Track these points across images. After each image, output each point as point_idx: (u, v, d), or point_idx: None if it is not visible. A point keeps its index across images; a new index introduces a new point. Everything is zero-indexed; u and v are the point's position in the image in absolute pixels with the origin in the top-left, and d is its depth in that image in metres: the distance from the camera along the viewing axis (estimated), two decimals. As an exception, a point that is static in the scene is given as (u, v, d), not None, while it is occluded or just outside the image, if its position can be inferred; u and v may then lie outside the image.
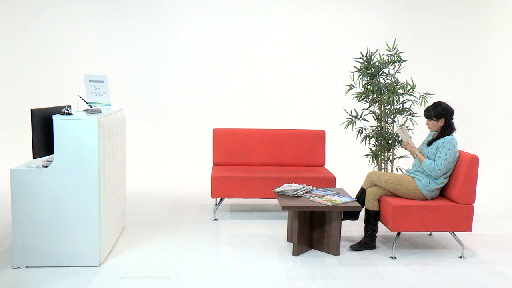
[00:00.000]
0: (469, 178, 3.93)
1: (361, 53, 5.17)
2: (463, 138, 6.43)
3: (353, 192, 5.65)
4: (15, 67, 6.76)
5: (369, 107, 5.14)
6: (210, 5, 6.85)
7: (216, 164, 5.39)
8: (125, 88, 6.84)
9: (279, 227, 4.74)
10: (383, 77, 5.06)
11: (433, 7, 6.90)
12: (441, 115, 4.03)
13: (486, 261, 4.00)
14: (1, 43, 6.71)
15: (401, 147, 4.84)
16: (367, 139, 5.16)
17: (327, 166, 6.13)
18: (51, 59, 6.78)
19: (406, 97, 5.03)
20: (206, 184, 6.18)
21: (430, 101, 5.41)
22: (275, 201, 5.72)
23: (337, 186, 5.94)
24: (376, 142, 5.11)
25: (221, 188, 4.87)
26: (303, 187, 4.31)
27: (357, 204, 4.00)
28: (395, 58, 5.02)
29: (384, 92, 4.93)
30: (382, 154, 5.10)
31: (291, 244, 4.23)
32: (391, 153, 5.10)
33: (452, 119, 4.07)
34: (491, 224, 5.05)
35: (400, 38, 6.30)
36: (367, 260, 3.93)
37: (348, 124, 5.18)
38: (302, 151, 5.43)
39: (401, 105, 5.01)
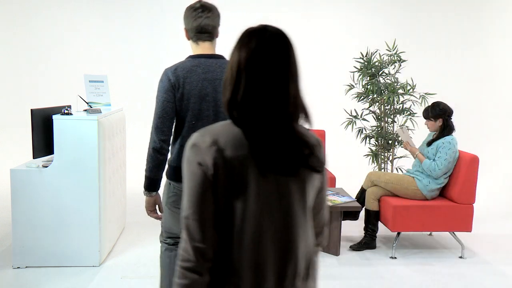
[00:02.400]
0: (469, 178, 3.93)
1: (361, 53, 5.17)
2: (463, 138, 6.43)
3: (353, 192, 5.65)
4: (15, 67, 6.76)
5: (369, 107, 5.14)
6: (210, 5, 6.85)
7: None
8: (125, 88, 6.84)
9: (279, 227, 4.74)
10: (383, 77, 5.06)
11: (433, 7, 6.90)
12: (439, 115, 4.03)
13: (486, 261, 4.00)
14: (1, 43, 6.71)
15: (401, 147, 4.84)
16: (367, 139, 5.16)
17: (327, 166, 6.13)
18: (51, 59, 6.78)
19: (406, 97, 5.03)
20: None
21: (430, 101, 5.41)
22: (275, 201, 5.72)
23: (337, 186, 5.94)
24: (376, 142, 5.11)
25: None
26: (303, 187, 4.31)
27: (357, 204, 3.99)
28: (395, 58, 5.02)
29: (384, 92, 4.93)
30: (382, 154, 5.10)
31: (291, 244, 4.23)
32: (391, 153, 5.10)
33: (451, 119, 4.07)
34: (491, 224, 5.05)
35: (400, 38, 6.30)
36: (367, 260, 3.93)
37: (348, 124, 5.18)
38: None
39: (401, 105, 5.01)
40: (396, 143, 5.00)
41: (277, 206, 1.20)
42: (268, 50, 1.19)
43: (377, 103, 5.04)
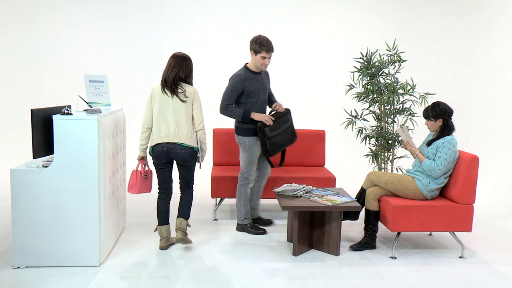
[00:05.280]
0: (469, 178, 3.93)
1: (361, 53, 5.17)
2: (463, 138, 6.43)
3: (353, 192, 5.65)
4: (15, 67, 6.76)
5: (369, 107, 5.14)
6: (210, 5, 6.85)
7: (216, 164, 5.39)
8: (125, 88, 6.84)
9: (279, 227, 4.75)
10: (383, 77, 5.06)
11: (433, 7, 6.90)
12: (439, 115, 4.02)
13: (486, 261, 4.00)
14: (1, 43, 6.71)
15: (401, 147, 4.85)
16: (367, 139, 5.16)
17: (327, 166, 6.13)
18: (51, 59, 6.78)
19: (406, 97, 5.03)
20: (206, 184, 6.18)
21: (430, 101, 5.41)
22: (275, 201, 5.72)
23: (337, 186, 5.93)
24: (376, 142, 5.12)
25: (221, 188, 4.87)
26: (303, 187, 4.31)
27: (357, 204, 3.99)
28: (395, 58, 5.02)
29: (384, 92, 4.93)
30: (382, 154, 5.10)
31: (291, 244, 4.23)
32: (391, 153, 5.11)
33: (451, 119, 4.07)
34: (491, 224, 5.05)
35: (400, 38, 6.30)
36: (367, 260, 3.93)
37: (348, 124, 5.18)
38: (302, 151, 5.42)
39: (401, 105, 5.01)
40: (396, 143, 5.00)
41: (167, 108, 3.83)
42: (175, 61, 3.88)
43: (377, 103, 5.04)
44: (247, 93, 4.29)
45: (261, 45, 4.20)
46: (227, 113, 4.29)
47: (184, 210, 4.07)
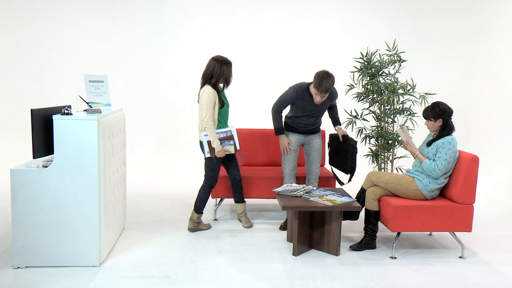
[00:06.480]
0: (469, 178, 3.93)
1: (361, 53, 5.17)
2: (463, 138, 6.42)
3: (353, 192, 5.65)
4: (15, 67, 6.76)
5: (369, 107, 5.14)
6: (210, 6, 6.85)
7: (216, 164, 5.38)
8: (125, 88, 6.84)
9: (279, 227, 4.74)
10: (383, 77, 5.06)
11: (433, 7, 6.90)
12: (439, 116, 4.02)
13: (486, 261, 4.00)
14: (2, 43, 6.71)
15: (401, 147, 4.84)
16: (367, 139, 5.16)
17: (327, 166, 6.12)
18: (51, 59, 6.78)
19: (406, 97, 5.03)
20: (206, 184, 6.18)
21: (430, 101, 5.40)
22: (275, 201, 5.72)
23: (337, 186, 5.93)
24: (376, 142, 5.12)
25: (221, 188, 4.87)
26: (303, 187, 4.31)
27: (357, 204, 3.99)
28: (395, 58, 5.02)
29: (384, 92, 4.93)
30: (382, 154, 5.10)
31: (291, 244, 4.23)
32: (391, 153, 5.10)
33: (451, 119, 4.07)
34: (491, 224, 5.05)
35: (400, 38, 6.30)
36: (367, 260, 3.93)
37: (348, 124, 5.18)
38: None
39: (401, 105, 5.01)
40: (396, 143, 5.00)
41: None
42: (210, 64, 4.49)
43: (377, 103, 5.04)
44: (295, 106, 4.53)
45: (316, 82, 4.21)
46: (273, 117, 4.62)
47: (195, 202, 4.57)
